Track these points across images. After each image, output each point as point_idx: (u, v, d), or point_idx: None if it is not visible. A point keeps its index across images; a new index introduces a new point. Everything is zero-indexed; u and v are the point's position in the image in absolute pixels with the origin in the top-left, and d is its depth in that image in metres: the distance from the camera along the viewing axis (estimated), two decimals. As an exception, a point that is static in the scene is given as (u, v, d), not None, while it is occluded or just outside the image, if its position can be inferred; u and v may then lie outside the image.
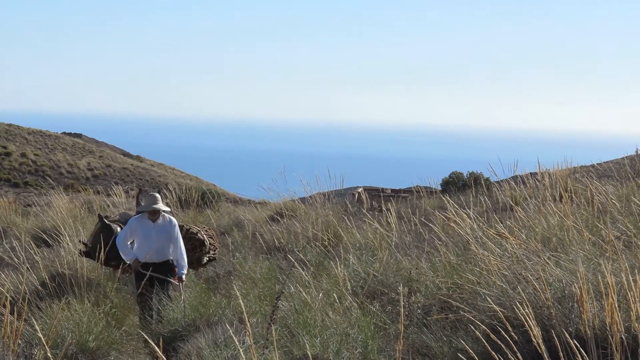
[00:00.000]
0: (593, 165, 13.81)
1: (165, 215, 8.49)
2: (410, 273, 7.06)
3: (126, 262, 8.42)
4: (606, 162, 14.77)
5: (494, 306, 4.94)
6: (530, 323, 4.44)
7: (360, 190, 18.16)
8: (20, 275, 8.07)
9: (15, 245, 9.04)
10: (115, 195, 15.57)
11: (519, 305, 4.62)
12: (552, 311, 4.99)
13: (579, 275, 4.79)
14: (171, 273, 8.33)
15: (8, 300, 6.08)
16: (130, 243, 8.38)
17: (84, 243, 8.72)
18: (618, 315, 4.41)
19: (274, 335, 5.15)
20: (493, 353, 4.36)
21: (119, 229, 8.60)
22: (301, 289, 6.86)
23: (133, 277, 8.56)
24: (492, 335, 4.55)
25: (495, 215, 8.49)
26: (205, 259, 9.32)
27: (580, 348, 4.12)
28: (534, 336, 4.39)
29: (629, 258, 5.72)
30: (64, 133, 62.59)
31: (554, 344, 4.46)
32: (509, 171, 12.44)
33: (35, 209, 15.55)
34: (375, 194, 18.64)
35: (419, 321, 6.34)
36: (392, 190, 23.09)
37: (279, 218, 12.92)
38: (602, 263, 5.12)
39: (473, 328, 5.30)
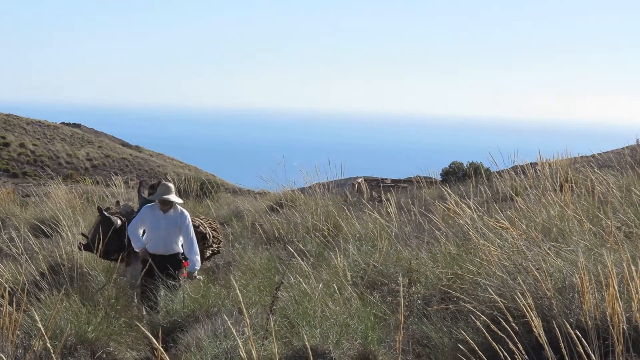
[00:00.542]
0: (593, 156, 13.79)
1: (178, 207, 8.36)
2: (410, 263, 7.05)
3: (125, 253, 8.38)
4: (606, 153, 14.75)
5: (494, 296, 4.93)
6: (531, 313, 4.42)
7: (360, 180, 18.12)
8: (19, 266, 8.04)
9: (13, 235, 9.02)
10: (115, 186, 15.54)
11: (519, 296, 4.61)
12: (553, 302, 4.97)
13: (579, 266, 4.77)
14: (179, 267, 8.14)
15: (7, 291, 6.07)
16: (143, 232, 8.32)
17: (85, 235, 8.65)
18: (619, 305, 4.39)
19: (274, 326, 5.13)
20: (494, 344, 4.35)
21: (119, 222, 8.52)
22: (301, 280, 6.85)
23: (131, 268, 8.53)
24: (493, 326, 4.54)
25: (496, 205, 8.47)
26: (208, 253, 9.21)
27: (581, 338, 4.11)
28: (535, 327, 4.37)
29: (630, 248, 5.69)
30: (63, 123, 62.53)
31: (554, 335, 4.45)
32: (509, 161, 12.43)
33: (34, 200, 15.51)
34: (375, 184, 18.63)
35: (419, 312, 6.33)
36: (392, 180, 23.09)
37: (278, 208, 12.90)
38: (603, 253, 5.11)
39: (473, 318, 5.28)
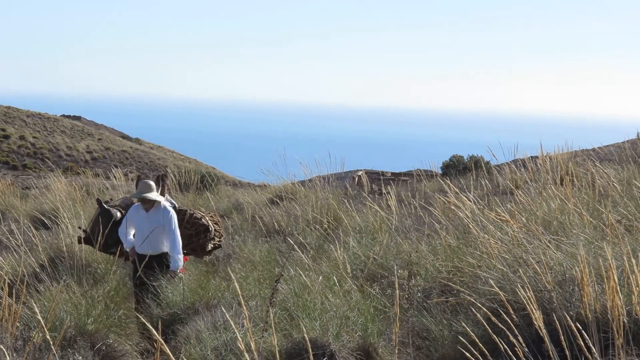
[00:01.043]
0: (594, 149, 13.78)
1: (161, 205, 8.13)
2: (411, 256, 7.04)
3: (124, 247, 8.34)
4: (607, 146, 14.73)
5: (494, 289, 4.91)
6: (531, 306, 4.41)
7: (360, 173, 18.13)
8: (18, 258, 8.04)
9: (13, 227, 9.01)
10: (115, 178, 15.55)
11: (520, 289, 4.60)
12: (553, 294, 4.96)
13: (580, 259, 4.76)
14: (167, 267, 7.98)
15: (6, 283, 6.06)
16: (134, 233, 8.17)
17: (83, 230, 8.60)
18: (620, 298, 4.38)
19: (273, 319, 5.12)
20: (494, 336, 4.34)
21: (119, 214, 8.43)
22: (301, 272, 6.84)
23: (129, 263, 8.48)
24: (493, 319, 4.53)
25: (496, 198, 8.46)
26: (210, 246, 8.94)
27: (581, 331, 4.10)
28: (535, 319, 4.36)
29: (630, 242, 5.68)
30: (63, 115, 62.52)
31: (554, 328, 4.44)
32: (510, 155, 12.43)
33: (34, 192, 15.53)
34: (375, 177, 18.62)
35: (419, 304, 6.32)
36: (393, 173, 23.09)
37: (278, 201, 12.90)
38: (604, 246, 5.09)
39: (474, 311, 5.28)
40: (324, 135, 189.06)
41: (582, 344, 4.09)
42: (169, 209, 8.16)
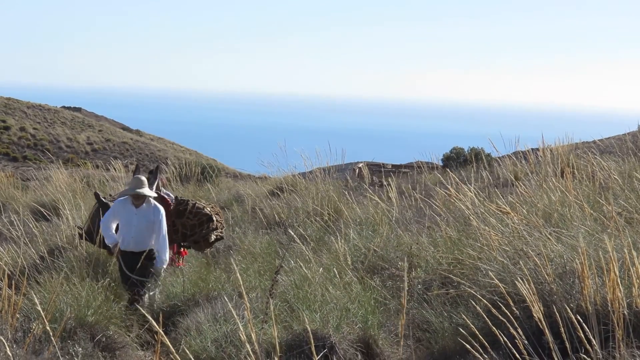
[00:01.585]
0: (595, 141, 13.76)
1: (151, 201, 7.86)
2: (411, 248, 7.03)
3: None
4: (608, 138, 14.72)
5: (495, 281, 4.91)
6: (532, 298, 4.41)
7: (361, 165, 18.09)
8: (18, 249, 8.03)
9: (13, 219, 9.00)
10: (115, 170, 15.54)
11: (520, 281, 4.59)
12: (553, 287, 4.96)
13: (580, 251, 4.75)
14: (151, 264, 7.73)
15: (6, 274, 6.06)
16: (116, 227, 7.88)
17: (79, 227, 8.58)
18: (620, 291, 4.37)
19: (274, 310, 5.12)
20: (494, 328, 4.34)
21: None
22: (301, 264, 6.84)
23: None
24: (493, 311, 4.53)
25: (497, 190, 8.45)
26: (213, 237, 8.79)
27: (582, 323, 4.10)
28: (535, 311, 4.36)
29: (631, 234, 5.68)
30: (64, 107, 62.46)
31: (555, 320, 4.44)
32: (510, 147, 12.40)
33: (34, 183, 15.52)
34: (376, 169, 18.60)
35: (419, 296, 6.33)
36: (393, 165, 23.07)
37: (279, 193, 12.89)
38: (604, 239, 5.08)
39: (474, 303, 5.28)
40: (324, 127, 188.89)
41: (583, 336, 4.09)
42: (159, 207, 7.88)
